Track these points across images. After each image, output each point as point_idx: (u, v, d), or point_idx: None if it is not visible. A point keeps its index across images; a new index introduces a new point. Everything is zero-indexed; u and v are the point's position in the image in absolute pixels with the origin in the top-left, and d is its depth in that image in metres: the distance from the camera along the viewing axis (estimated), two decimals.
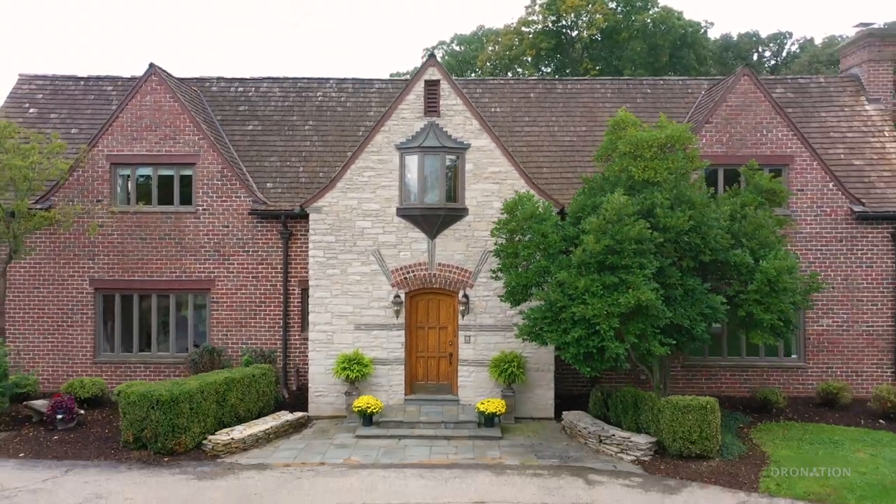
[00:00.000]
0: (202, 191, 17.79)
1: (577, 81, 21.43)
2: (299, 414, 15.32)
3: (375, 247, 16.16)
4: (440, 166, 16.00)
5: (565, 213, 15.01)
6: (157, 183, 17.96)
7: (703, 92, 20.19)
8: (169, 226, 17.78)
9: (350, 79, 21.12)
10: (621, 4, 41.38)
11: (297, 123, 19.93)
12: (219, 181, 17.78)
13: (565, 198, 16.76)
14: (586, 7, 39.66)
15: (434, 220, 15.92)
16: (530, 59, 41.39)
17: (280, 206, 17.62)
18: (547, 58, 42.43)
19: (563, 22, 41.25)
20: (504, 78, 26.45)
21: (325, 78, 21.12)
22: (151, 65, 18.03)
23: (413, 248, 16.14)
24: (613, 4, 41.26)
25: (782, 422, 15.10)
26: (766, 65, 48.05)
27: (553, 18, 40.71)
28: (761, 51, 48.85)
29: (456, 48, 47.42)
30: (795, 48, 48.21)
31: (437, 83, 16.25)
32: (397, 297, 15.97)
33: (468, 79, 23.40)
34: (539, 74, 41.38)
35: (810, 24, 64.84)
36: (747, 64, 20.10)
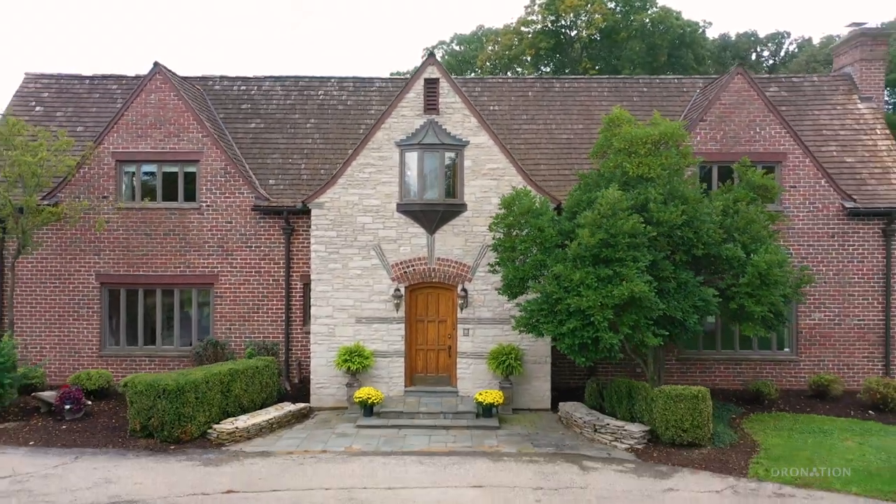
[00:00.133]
0: (206, 187, 18.13)
1: (575, 80, 21.78)
2: (301, 405, 15.67)
3: (376, 242, 16.50)
4: (439, 163, 16.34)
5: (562, 209, 15.34)
6: (162, 180, 18.30)
7: (698, 90, 20.53)
8: (173, 222, 18.12)
9: (351, 77, 21.46)
10: (620, 4, 41.70)
11: (299, 121, 20.28)
12: (222, 178, 18.12)
13: (562, 194, 17.09)
14: (585, 7, 39.99)
15: (433, 216, 16.26)
16: (530, 59, 41.71)
17: (282, 203, 17.96)
18: (546, 57, 42.76)
19: (563, 22, 41.58)
20: (503, 77, 26.79)
21: (327, 77, 21.46)
22: (156, 63, 18.35)
23: (413, 243, 16.48)
24: (612, 4, 41.58)
25: (774, 413, 15.44)
26: (765, 64, 48.35)
27: (552, 18, 41.03)
28: (759, 50, 49.15)
29: (456, 48, 47.76)
30: (793, 48, 48.50)
31: (437, 81, 16.59)
32: (397, 291, 16.31)
33: (467, 78, 23.74)
34: (538, 74, 41.70)
35: (808, 24, 65.21)
36: (740, 63, 20.40)
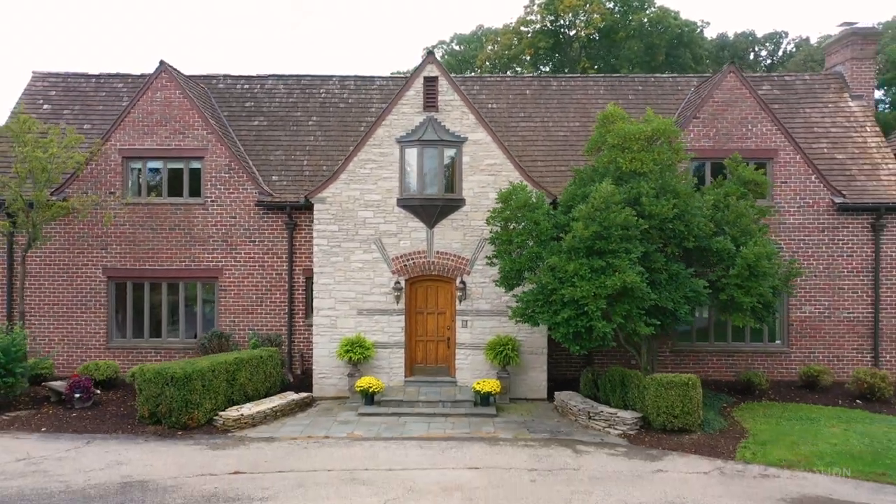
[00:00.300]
0: (210, 183, 18.56)
1: (571, 79, 22.20)
2: (304, 394, 16.10)
3: (377, 235, 16.93)
4: (438, 159, 16.77)
5: (557, 203, 15.76)
6: (168, 176, 18.73)
7: (693, 89, 20.95)
8: (179, 217, 18.54)
9: (352, 76, 21.89)
10: (618, 4, 42.10)
11: (302, 119, 20.70)
12: (226, 174, 18.55)
13: (558, 189, 17.49)
14: (584, 7, 40.40)
15: (433, 210, 16.69)
16: (529, 59, 42.12)
17: (285, 198, 18.38)
18: (545, 57, 43.17)
19: (561, 21, 42.00)
20: (501, 75, 27.19)
21: (329, 75, 21.89)
22: (162, 62, 18.77)
23: (413, 237, 16.90)
24: (611, 4, 41.98)
25: (764, 402, 15.86)
26: (763, 64, 48.75)
27: (551, 18, 41.43)
28: (757, 50, 49.54)
29: (456, 48, 48.17)
30: (791, 47, 48.87)
31: (436, 80, 17.02)
32: (398, 284, 16.74)
33: (466, 76, 24.16)
34: (537, 73, 42.12)
35: (806, 24, 65.60)
36: (732, 62, 20.81)
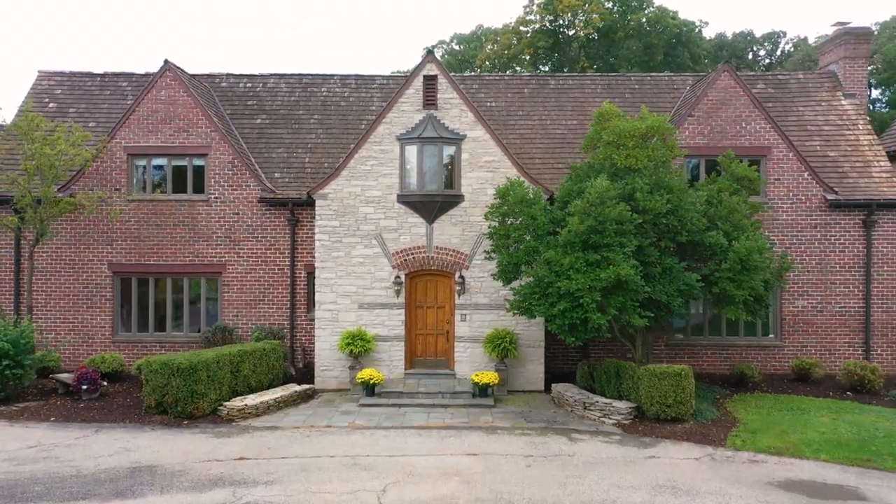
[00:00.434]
0: (214, 180, 18.90)
1: (569, 77, 22.54)
2: (306, 386, 16.43)
3: (377, 231, 17.27)
4: (438, 156, 17.11)
5: (554, 200, 16.09)
6: (172, 173, 19.07)
7: (688, 87, 21.28)
8: (183, 213, 18.88)
9: (353, 75, 22.23)
10: (617, 4, 42.45)
11: (303, 117, 21.05)
12: (229, 171, 18.88)
13: (556, 186, 17.77)
14: (583, 7, 40.74)
15: (432, 206, 17.03)
16: (528, 58, 42.46)
17: (287, 195, 18.72)
18: (544, 57, 43.52)
19: (561, 21, 42.34)
20: (499, 74, 27.52)
21: (330, 74, 22.24)
22: (166, 61, 19.10)
23: (413, 233, 17.24)
24: (609, 4, 42.32)
25: (757, 394, 16.19)
26: (761, 63, 49.07)
27: (550, 18, 41.78)
28: (756, 50, 49.86)
29: (455, 47, 48.52)
30: (789, 47, 49.20)
31: (435, 78, 17.36)
32: (398, 278, 17.08)
33: (465, 75, 24.49)
34: (537, 73, 42.44)
35: (804, 24, 65.93)
36: (727, 61, 21.15)
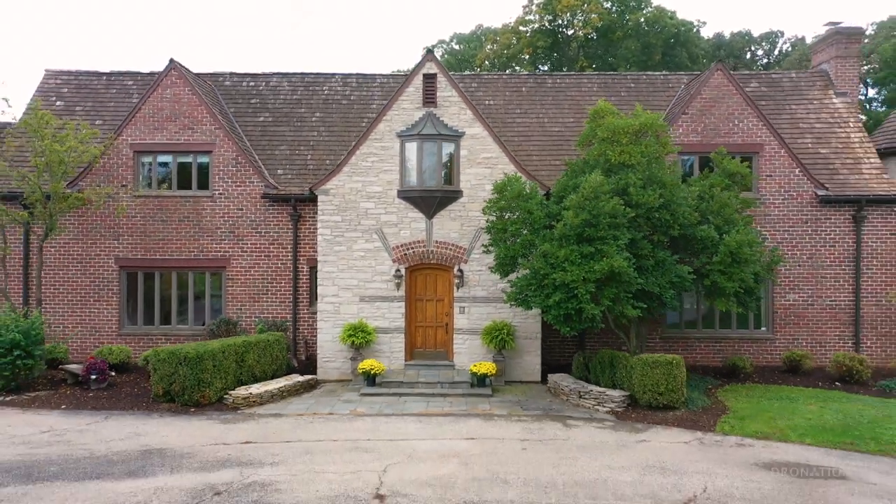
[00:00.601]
0: (218, 177, 19.32)
1: (566, 76, 22.96)
2: (309, 376, 16.86)
3: (378, 226, 17.69)
4: (437, 152, 17.53)
5: (551, 195, 16.50)
6: (177, 169, 19.50)
7: (683, 86, 21.70)
8: (188, 209, 19.30)
9: (354, 74, 22.66)
10: (616, 4, 42.84)
11: (305, 115, 21.47)
12: (233, 168, 19.31)
13: (553, 182, 18.17)
14: (581, 6, 41.15)
15: (431, 202, 17.45)
16: (527, 58, 42.87)
17: (290, 191, 19.15)
18: (544, 56, 43.93)
19: (560, 21, 42.75)
20: (497, 73, 27.92)
21: (331, 73, 22.67)
22: (171, 60, 19.52)
23: (412, 227, 17.66)
24: (608, 4, 42.71)
25: (748, 384, 16.59)
26: (759, 63, 49.46)
27: (549, 18, 42.19)
28: (753, 49, 50.25)
29: (455, 47, 48.94)
30: (787, 47, 49.59)
31: (435, 77, 17.78)
32: (398, 272, 17.50)
33: (464, 74, 24.89)
34: (535, 72, 42.81)
35: (802, 24, 66.34)
36: (720, 60, 21.57)
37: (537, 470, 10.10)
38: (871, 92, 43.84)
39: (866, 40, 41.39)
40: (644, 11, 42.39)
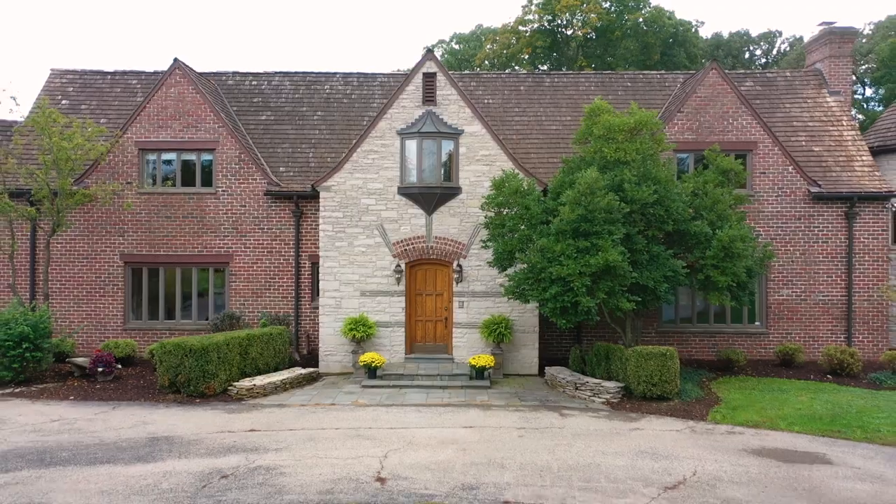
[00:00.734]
0: (221, 174, 19.66)
1: (564, 75, 23.31)
2: (311, 369, 17.22)
3: (379, 222, 18.03)
4: (437, 150, 17.88)
5: (548, 191, 16.83)
6: (181, 167, 19.85)
7: (679, 85, 22.03)
8: (191, 206, 19.65)
9: (355, 73, 23.01)
10: (614, 4, 43.13)
11: (307, 114, 21.82)
12: (236, 165, 19.65)
13: (551, 179, 18.43)
14: (580, 6, 41.46)
15: (431, 198, 17.79)
16: (527, 58, 43.19)
17: (292, 188, 19.49)
18: (543, 56, 44.25)
19: (559, 21, 43.07)
20: (496, 72, 28.27)
21: (332, 72, 23.01)
22: (176, 59, 19.87)
23: (412, 223, 18.01)
24: (607, 4, 43.01)
25: (741, 377, 16.93)
26: (757, 63, 49.79)
27: (549, 18, 42.50)
28: (752, 49, 50.58)
29: (455, 47, 49.24)
30: (785, 46, 49.92)
31: (434, 75, 18.12)
32: (398, 267, 17.85)
33: (463, 73, 25.23)
34: (533, 71, 43.13)
35: (800, 24, 66.66)
36: (715, 59, 21.90)
37: (533, 455, 10.45)
38: (869, 91, 44.20)
39: (864, 40, 41.79)
40: (643, 11, 42.69)
